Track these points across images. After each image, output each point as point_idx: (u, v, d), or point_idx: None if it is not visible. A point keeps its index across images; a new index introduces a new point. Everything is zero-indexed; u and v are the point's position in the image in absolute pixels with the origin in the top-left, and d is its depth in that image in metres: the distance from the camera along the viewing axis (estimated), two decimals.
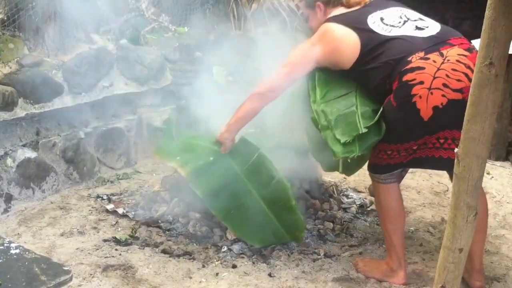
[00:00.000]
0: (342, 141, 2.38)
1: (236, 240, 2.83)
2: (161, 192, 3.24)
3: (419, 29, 2.46)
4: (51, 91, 3.35)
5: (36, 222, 3.02)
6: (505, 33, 1.58)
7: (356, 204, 3.39)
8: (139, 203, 3.25)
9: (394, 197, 2.56)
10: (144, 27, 4.13)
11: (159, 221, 3.03)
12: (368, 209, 3.37)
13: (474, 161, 1.71)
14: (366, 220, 3.23)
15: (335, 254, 2.83)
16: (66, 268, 2.23)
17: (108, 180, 3.67)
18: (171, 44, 4.18)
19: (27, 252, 2.25)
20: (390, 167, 2.49)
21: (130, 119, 3.93)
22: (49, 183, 3.36)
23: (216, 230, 2.90)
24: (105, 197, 3.39)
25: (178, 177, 3.12)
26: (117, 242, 2.84)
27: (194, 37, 4.34)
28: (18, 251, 2.21)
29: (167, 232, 2.95)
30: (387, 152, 2.45)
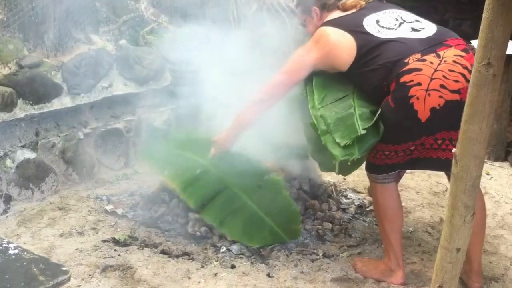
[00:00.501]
0: (341, 144, 2.39)
1: (235, 241, 2.84)
2: (160, 193, 3.24)
3: (415, 30, 2.47)
4: (50, 92, 3.35)
5: (35, 223, 3.02)
6: (503, 33, 1.58)
7: (355, 205, 3.40)
8: (138, 203, 3.25)
9: (392, 197, 2.57)
10: (144, 27, 4.13)
11: (158, 221, 3.03)
12: (367, 209, 3.37)
13: (471, 161, 1.71)
14: (364, 221, 3.23)
15: (333, 254, 2.83)
16: (64, 269, 2.22)
17: (107, 181, 3.67)
18: (170, 44, 4.18)
19: (26, 253, 2.24)
20: (388, 167, 2.49)
21: (129, 120, 3.93)
22: (48, 183, 3.36)
23: (215, 230, 2.90)
24: (104, 197, 3.40)
25: None
26: (116, 242, 2.85)
27: (194, 37, 4.34)
28: (16, 251, 2.21)
29: (166, 232, 2.96)
30: (385, 152, 2.46)
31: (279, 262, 2.72)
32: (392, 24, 2.49)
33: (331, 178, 3.69)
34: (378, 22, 2.51)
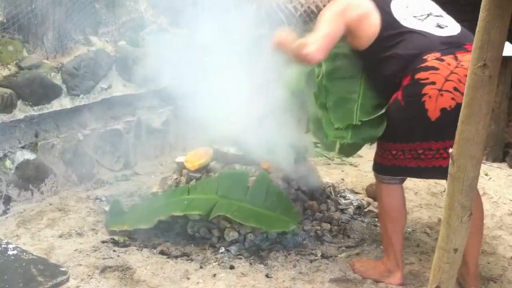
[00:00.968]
0: (335, 126, 2.40)
1: (233, 241, 2.84)
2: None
3: (439, 27, 2.43)
4: (50, 93, 3.37)
5: (34, 224, 3.03)
6: (498, 35, 1.59)
7: (353, 205, 3.40)
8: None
9: (397, 198, 2.56)
10: (143, 28, 4.14)
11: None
12: (365, 210, 3.38)
13: (468, 161, 1.72)
14: (363, 221, 3.24)
15: (332, 255, 2.84)
16: (63, 269, 2.23)
17: (106, 182, 3.68)
18: (170, 45, 4.19)
19: (25, 253, 2.25)
20: (395, 169, 2.47)
21: (128, 121, 3.95)
22: (47, 184, 3.37)
23: (214, 231, 2.91)
24: (103, 198, 3.41)
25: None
26: (115, 243, 2.86)
27: (193, 38, 4.35)
28: (15, 252, 2.21)
29: (165, 233, 2.96)
30: (392, 152, 2.44)
31: (278, 262, 2.72)
32: (419, 14, 2.45)
33: (329, 179, 3.70)
34: (407, 7, 2.46)
